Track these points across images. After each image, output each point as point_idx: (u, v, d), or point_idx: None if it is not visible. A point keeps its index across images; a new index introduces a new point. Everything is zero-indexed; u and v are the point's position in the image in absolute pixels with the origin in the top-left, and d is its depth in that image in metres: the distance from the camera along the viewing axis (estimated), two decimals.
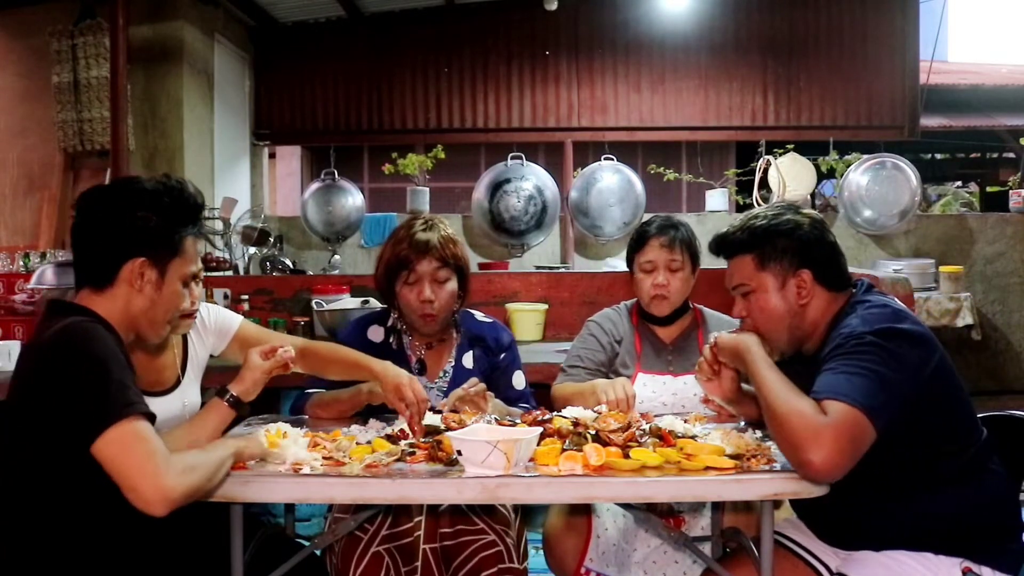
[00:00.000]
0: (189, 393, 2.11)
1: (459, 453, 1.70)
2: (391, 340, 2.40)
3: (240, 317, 2.25)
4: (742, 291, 1.92)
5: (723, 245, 1.97)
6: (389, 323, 2.42)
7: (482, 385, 2.16)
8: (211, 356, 2.23)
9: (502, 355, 2.43)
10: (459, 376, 2.34)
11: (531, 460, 1.74)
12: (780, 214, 1.91)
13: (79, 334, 1.56)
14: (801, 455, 1.59)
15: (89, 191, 1.74)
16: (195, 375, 2.17)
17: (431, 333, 2.37)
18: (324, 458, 1.77)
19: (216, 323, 2.21)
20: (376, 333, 2.41)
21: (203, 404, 2.00)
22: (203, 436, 1.84)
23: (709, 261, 2.45)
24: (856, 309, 1.81)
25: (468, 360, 2.40)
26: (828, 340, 1.82)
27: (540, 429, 1.85)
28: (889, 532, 1.78)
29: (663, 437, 1.84)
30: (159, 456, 1.48)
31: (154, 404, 1.69)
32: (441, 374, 2.37)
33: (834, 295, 1.88)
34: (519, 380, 2.45)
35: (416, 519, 2.10)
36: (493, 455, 1.66)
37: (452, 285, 2.32)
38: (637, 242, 2.51)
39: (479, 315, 2.49)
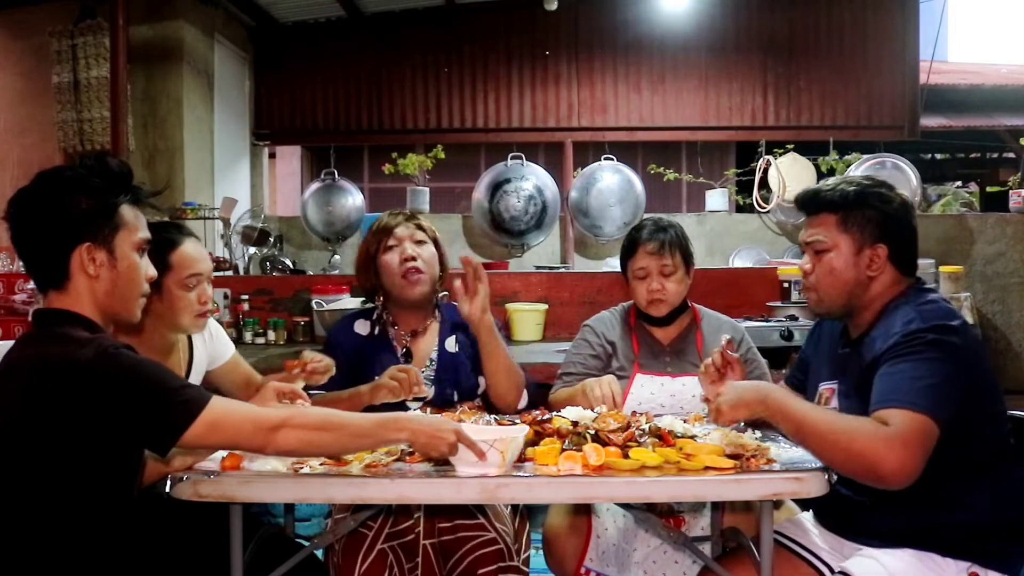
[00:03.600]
0: None
1: None
2: (376, 331, 2.47)
3: (233, 348, 2.42)
4: (817, 247, 1.92)
5: (810, 200, 1.96)
6: (374, 316, 2.50)
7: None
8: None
9: None
10: (444, 361, 2.43)
11: (531, 460, 1.74)
12: (874, 185, 1.93)
13: (119, 367, 1.52)
14: (878, 470, 1.61)
15: (14, 196, 1.68)
16: (197, 379, 2.23)
17: (418, 299, 2.42)
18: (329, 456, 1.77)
19: (218, 340, 2.37)
20: (363, 326, 2.49)
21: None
22: None
23: (707, 261, 2.45)
24: (911, 301, 1.82)
25: (451, 344, 2.47)
26: (879, 327, 1.83)
27: (526, 428, 1.84)
28: (897, 529, 1.77)
29: (662, 437, 1.84)
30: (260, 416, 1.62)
31: None
32: (428, 362, 2.44)
33: (900, 278, 1.90)
34: None
35: (415, 515, 2.12)
36: (489, 454, 1.66)
37: (431, 249, 2.45)
38: (628, 249, 2.50)
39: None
